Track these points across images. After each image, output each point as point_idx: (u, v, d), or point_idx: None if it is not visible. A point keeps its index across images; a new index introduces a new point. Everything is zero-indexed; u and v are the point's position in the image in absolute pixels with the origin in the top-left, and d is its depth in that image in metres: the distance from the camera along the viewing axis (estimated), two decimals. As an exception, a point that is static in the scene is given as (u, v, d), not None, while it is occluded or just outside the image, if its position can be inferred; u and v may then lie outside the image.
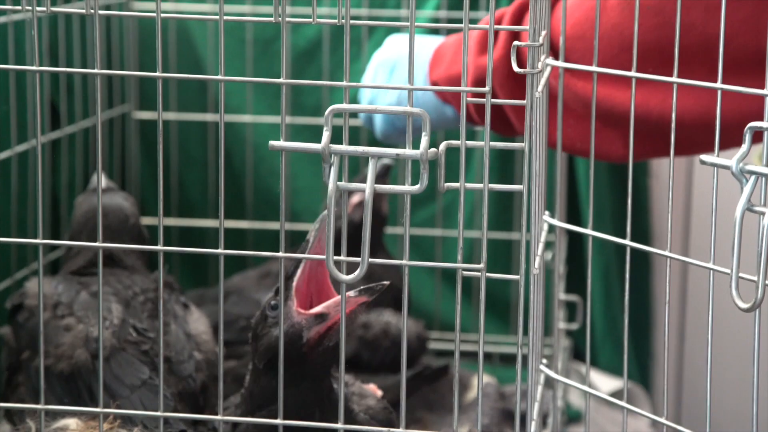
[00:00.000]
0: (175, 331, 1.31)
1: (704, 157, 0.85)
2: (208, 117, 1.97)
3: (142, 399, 1.23)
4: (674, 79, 0.97)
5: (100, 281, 0.97)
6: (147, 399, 1.23)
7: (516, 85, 1.28)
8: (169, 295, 1.37)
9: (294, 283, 1.10)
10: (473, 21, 1.78)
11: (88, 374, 1.25)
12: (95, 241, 1.37)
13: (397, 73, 1.47)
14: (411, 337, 1.63)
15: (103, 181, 1.45)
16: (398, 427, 0.92)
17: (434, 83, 1.39)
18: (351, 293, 1.04)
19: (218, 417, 0.98)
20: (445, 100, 1.41)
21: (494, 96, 1.30)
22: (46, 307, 1.31)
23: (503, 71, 1.28)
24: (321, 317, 1.08)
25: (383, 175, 1.66)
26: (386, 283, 1.04)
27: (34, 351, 1.29)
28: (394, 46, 1.51)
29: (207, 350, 1.33)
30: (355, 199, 1.66)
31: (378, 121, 1.50)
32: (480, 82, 1.31)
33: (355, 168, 1.77)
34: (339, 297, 1.05)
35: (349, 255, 0.92)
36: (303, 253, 1.07)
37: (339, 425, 0.94)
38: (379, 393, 1.21)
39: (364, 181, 0.86)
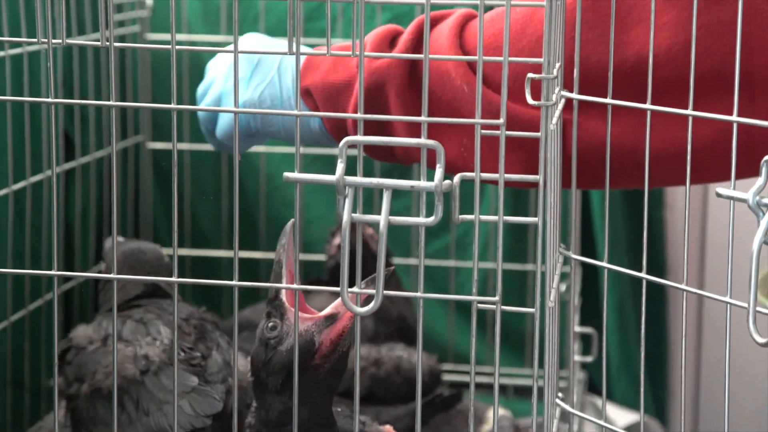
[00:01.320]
0: (215, 357, 1.34)
1: (720, 190, 0.84)
2: (222, 148, 1.97)
3: (191, 402, 1.25)
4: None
5: (114, 313, 0.97)
6: (196, 402, 1.25)
7: (412, 97, 1.18)
8: (213, 329, 1.40)
9: (284, 299, 1.08)
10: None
11: (136, 388, 1.27)
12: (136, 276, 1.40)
13: (259, 69, 1.30)
14: (423, 372, 1.62)
15: (121, 238, 1.53)
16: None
17: (306, 89, 1.25)
18: (356, 289, 0.93)
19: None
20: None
21: (387, 109, 1.19)
22: (95, 341, 1.34)
23: (400, 80, 1.18)
24: (331, 318, 1.05)
25: None
26: (391, 268, 1.01)
27: (82, 381, 1.31)
28: (255, 42, 1.34)
29: (242, 379, 1.34)
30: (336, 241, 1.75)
31: (223, 121, 1.32)
32: (373, 88, 1.19)
33: (368, 199, 1.77)
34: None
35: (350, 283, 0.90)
36: (278, 274, 1.05)
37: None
38: None
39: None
